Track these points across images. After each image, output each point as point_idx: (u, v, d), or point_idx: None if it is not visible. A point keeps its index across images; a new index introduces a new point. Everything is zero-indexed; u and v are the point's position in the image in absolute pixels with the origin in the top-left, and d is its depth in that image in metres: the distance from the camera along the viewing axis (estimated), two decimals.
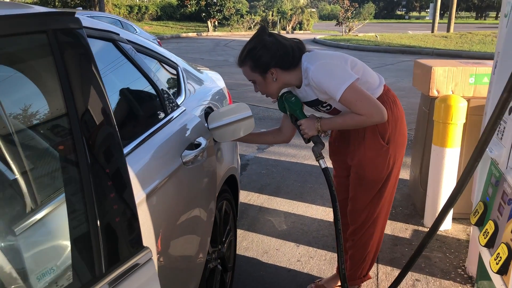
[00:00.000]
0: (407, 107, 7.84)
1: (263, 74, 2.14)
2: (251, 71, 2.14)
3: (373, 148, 2.24)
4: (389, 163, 2.28)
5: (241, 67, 2.18)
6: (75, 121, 0.90)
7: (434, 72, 3.43)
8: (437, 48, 16.86)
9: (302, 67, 2.15)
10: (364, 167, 2.29)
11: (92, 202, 0.90)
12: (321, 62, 2.08)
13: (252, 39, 2.15)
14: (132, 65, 1.86)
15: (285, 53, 2.10)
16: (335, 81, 2.03)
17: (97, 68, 0.99)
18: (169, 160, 1.76)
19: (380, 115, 2.03)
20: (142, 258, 0.99)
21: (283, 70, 2.14)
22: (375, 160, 2.26)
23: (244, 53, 2.13)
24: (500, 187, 1.73)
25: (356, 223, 2.46)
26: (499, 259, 1.49)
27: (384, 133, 2.23)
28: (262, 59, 2.09)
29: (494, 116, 1.47)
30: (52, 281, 0.86)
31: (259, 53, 2.09)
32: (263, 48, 2.09)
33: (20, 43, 0.89)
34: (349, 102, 2.03)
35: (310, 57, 2.14)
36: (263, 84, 2.17)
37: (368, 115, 2.02)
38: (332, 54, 2.18)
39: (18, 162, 0.92)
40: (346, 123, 2.14)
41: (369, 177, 2.30)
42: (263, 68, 2.12)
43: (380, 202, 2.40)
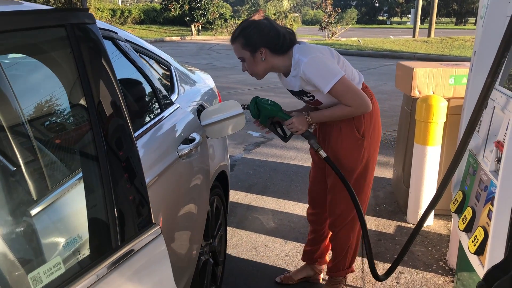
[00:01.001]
0: (389, 110, 8.06)
1: (253, 52, 2.25)
2: (242, 48, 2.25)
3: (349, 140, 2.38)
4: (363, 155, 2.42)
5: (232, 44, 2.29)
6: (92, 109, 0.98)
7: (415, 73, 3.57)
8: (419, 53, 17.18)
9: (293, 58, 2.27)
10: (340, 158, 2.42)
11: (108, 181, 0.99)
12: (314, 56, 2.21)
13: (248, 19, 2.28)
14: (130, 63, 1.94)
15: (277, 36, 2.23)
16: (324, 76, 2.18)
17: (110, 61, 1.08)
18: (166, 153, 1.85)
19: (366, 106, 2.23)
20: (153, 233, 1.08)
21: (272, 53, 2.26)
22: (351, 151, 2.40)
23: (238, 30, 2.25)
24: (477, 176, 1.86)
25: (335, 214, 2.57)
26: (476, 241, 1.61)
27: (360, 127, 2.38)
28: (253, 37, 2.22)
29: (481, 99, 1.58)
30: (75, 250, 0.95)
31: (251, 31, 2.21)
32: (256, 27, 2.22)
33: (41, 36, 0.97)
34: (340, 94, 2.19)
35: (302, 49, 2.26)
36: (252, 62, 2.28)
37: (356, 106, 2.21)
38: (321, 48, 2.32)
39: (39, 147, 1.01)
40: (335, 114, 2.30)
41: (344, 167, 2.41)
42: (254, 46, 2.23)
43: (360, 196, 2.50)
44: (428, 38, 22.03)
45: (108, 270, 0.96)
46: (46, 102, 1.09)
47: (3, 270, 0.79)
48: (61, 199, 1.01)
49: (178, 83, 2.52)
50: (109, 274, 0.95)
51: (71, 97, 1.05)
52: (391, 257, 3.19)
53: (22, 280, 0.82)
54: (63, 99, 1.08)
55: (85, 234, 0.99)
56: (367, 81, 2.52)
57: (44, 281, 0.84)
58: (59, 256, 0.89)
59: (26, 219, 0.96)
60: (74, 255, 0.94)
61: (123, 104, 1.11)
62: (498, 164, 1.65)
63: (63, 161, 1.07)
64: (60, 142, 1.08)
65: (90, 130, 0.99)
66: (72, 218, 1.02)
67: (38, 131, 1.07)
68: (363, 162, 2.44)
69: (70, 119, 1.10)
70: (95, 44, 1.06)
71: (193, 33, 29.89)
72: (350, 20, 34.39)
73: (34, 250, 0.92)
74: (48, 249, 0.93)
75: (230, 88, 7.73)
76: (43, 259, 0.89)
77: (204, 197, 2.25)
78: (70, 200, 1.03)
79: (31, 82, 1.10)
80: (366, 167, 2.47)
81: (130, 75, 1.96)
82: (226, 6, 37.39)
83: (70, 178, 1.04)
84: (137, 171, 1.11)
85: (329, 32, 26.71)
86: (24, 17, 0.91)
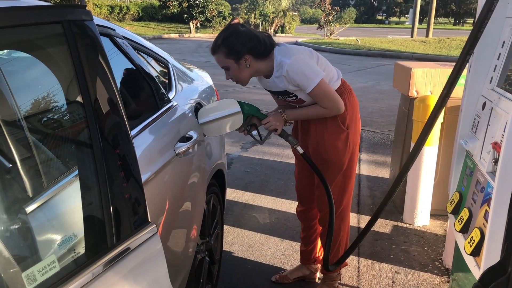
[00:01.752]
0: (387, 109, 8.08)
1: (237, 60, 2.27)
2: (225, 58, 2.27)
3: (334, 133, 2.44)
4: (349, 147, 2.48)
5: (214, 55, 2.31)
6: (89, 106, 0.97)
7: (413, 73, 3.57)
8: (416, 53, 17.20)
9: (275, 60, 2.32)
10: (327, 151, 2.46)
11: (104, 179, 0.98)
12: (296, 57, 2.27)
13: (227, 29, 2.29)
14: (127, 60, 1.93)
15: (258, 42, 2.27)
16: (308, 77, 2.26)
17: (107, 58, 1.07)
18: (163, 151, 1.84)
19: (339, 108, 2.35)
20: (149, 231, 1.08)
21: (255, 58, 2.30)
22: (336, 143, 2.45)
23: (219, 41, 2.26)
24: (474, 177, 1.86)
25: (325, 209, 2.58)
26: (472, 242, 1.61)
27: (344, 119, 2.44)
28: (236, 46, 2.24)
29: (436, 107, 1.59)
30: (70, 248, 0.94)
31: (234, 41, 2.24)
32: (238, 36, 2.24)
33: (37, 32, 0.96)
34: (317, 96, 2.30)
35: (284, 51, 2.32)
36: (237, 70, 2.30)
37: (330, 108, 2.34)
38: (301, 49, 2.37)
39: (35, 144, 1.00)
40: (309, 114, 2.42)
41: (331, 160, 2.47)
42: (237, 55, 2.26)
43: (347, 189, 2.58)
44: (426, 38, 22.05)
45: (104, 268, 0.95)
46: (42, 99, 1.08)
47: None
48: (56, 196, 1.00)
49: (176, 81, 2.51)
50: (104, 273, 0.94)
51: (68, 94, 1.04)
52: (387, 257, 3.20)
53: (16, 278, 0.81)
54: (60, 96, 1.07)
55: (81, 232, 0.98)
56: (365, 81, 2.56)
57: (38, 279, 0.83)
58: (54, 255, 0.89)
59: (21, 217, 0.95)
60: (69, 254, 0.94)
61: (120, 101, 1.10)
62: (495, 165, 1.65)
63: (59, 159, 1.06)
64: (56, 139, 1.07)
65: (87, 127, 0.99)
66: (68, 216, 1.02)
67: (34, 128, 1.06)
68: (349, 154, 2.50)
69: (66, 116, 1.09)
70: (92, 41, 1.05)
71: (191, 30, 29.83)
72: (349, 19, 34.44)
73: (29, 248, 0.91)
74: (43, 247, 0.92)
75: (228, 86, 7.71)
76: (38, 257, 0.89)
77: (201, 195, 2.24)
78: (65, 198, 1.03)
79: (27, 79, 1.09)
80: (351, 159, 2.53)
81: (128, 73, 1.95)
82: (224, 4, 37.34)
83: (66, 176, 1.04)
84: (133, 169, 1.10)
85: (327, 31, 26.73)
86: (20, 13, 0.90)
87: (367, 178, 4.76)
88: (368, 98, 8.93)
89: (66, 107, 1.07)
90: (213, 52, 2.31)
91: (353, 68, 13.97)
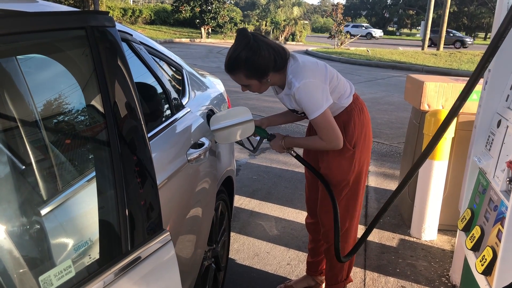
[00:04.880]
0: (396, 121, 8.05)
1: (260, 79, 2.20)
2: (247, 78, 2.18)
3: (339, 151, 2.35)
4: (354, 166, 2.40)
5: (231, 74, 2.20)
6: (109, 111, 0.98)
7: (426, 87, 3.56)
8: (427, 65, 17.18)
9: (287, 77, 2.23)
10: (331, 169, 2.41)
11: (121, 186, 0.98)
12: (306, 82, 2.16)
13: (239, 46, 2.13)
14: (143, 65, 1.95)
15: (277, 55, 2.18)
16: (313, 105, 2.17)
17: (127, 64, 1.08)
18: (175, 157, 1.84)
19: (337, 143, 2.25)
20: (163, 239, 1.08)
21: (275, 72, 2.22)
22: (341, 162, 2.38)
23: (237, 61, 2.13)
24: (487, 195, 1.84)
25: (326, 225, 2.55)
26: (484, 260, 1.60)
27: (351, 138, 2.37)
28: (260, 67, 2.14)
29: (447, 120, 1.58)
30: (86, 253, 0.95)
31: (257, 61, 2.12)
32: (260, 56, 2.11)
33: (61, 37, 0.97)
34: (318, 126, 2.22)
35: (296, 71, 2.20)
36: (258, 87, 2.25)
37: (328, 141, 2.25)
38: (314, 70, 2.24)
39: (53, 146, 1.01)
40: (307, 144, 2.44)
41: (335, 178, 2.41)
42: (261, 75, 2.18)
43: (353, 208, 2.51)
44: (437, 51, 22.04)
45: (116, 276, 0.95)
46: (63, 102, 1.09)
47: (14, 271, 0.79)
48: (72, 199, 1.01)
49: (189, 87, 2.52)
50: (118, 280, 0.94)
51: (88, 98, 1.05)
52: (393, 271, 3.17)
53: (32, 282, 0.81)
54: (80, 100, 1.08)
55: (96, 237, 0.98)
56: (375, 91, 2.56)
57: (54, 283, 0.83)
58: (69, 259, 0.89)
59: (36, 219, 0.96)
60: (84, 259, 0.94)
61: (139, 106, 1.11)
62: (509, 184, 1.63)
63: (76, 161, 1.07)
64: (76, 142, 1.07)
65: (106, 130, 0.99)
66: (84, 220, 1.02)
67: (56, 130, 1.07)
68: (354, 173, 2.42)
69: (86, 120, 1.09)
70: (113, 47, 1.06)
71: (202, 35, 30.00)
72: None
73: (45, 252, 0.92)
74: (59, 251, 0.93)
75: (238, 92, 7.72)
76: (54, 262, 0.89)
77: (211, 202, 2.24)
78: (82, 201, 1.03)
79: (47, 81, 1.10)
80: (357, 180, 2.45)
81: (144, 78, 1.96)
82: (236, 10, 37.56)
83: (82, 178, 1.04)
84: (149, 175, 1.11)
85: (338, 40, 26.78)
86: (45, 18, 0.91)
87: (375, 190, 4.74)
88: (377, 109, 8.91)
89: (86, 111, 1.07)
90: (230, 72, 2.19)
91: (363, 78, 13.96)
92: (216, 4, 30.05)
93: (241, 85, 2.26)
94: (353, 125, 2.35)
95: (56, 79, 1.09)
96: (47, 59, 1.04)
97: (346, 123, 2.36)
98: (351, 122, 2.36)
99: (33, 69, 1.09)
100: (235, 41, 2.17)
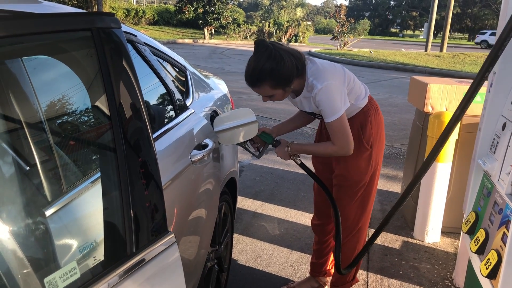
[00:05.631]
0: (399, 123, 8.04)
1: (285, 87, 2.20)
2: (272, 89, 2.18)
3: (357, 151, 2.35)
4: (371, 166, 2.44)
5: (256, 87, 2.19)
6: (114, 112, 0.98)
7: (429, 89, 3.55)
8: (430, 67, 17.16)
9: (306, 79, 2.22)
10: (349, 169, 2.42)
11: (126, 188, 0.98)
12: (328, 83, 2.16)
13: (262, 58, 2.12)
14: (148, 66, 1.95)
15: (297, 60, 2.17)
16: (332, 108, 2.17)
17: (133, 65, 1.08)
18: (179, 159, 1.85)
19: (349, 149, 2.24)
20: (168, 241, 1.08)
21: (297, 78, 2.22)
22: (359, 162, 2.40)
23: (262, 73, 2.12)
24: (491, 198, 1.84)
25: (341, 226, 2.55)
26: (489, 264, 1.59)
27: (369, 138, 2.39)
28: (285, 76, 2.14)
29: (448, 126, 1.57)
30: (91, 255, 0.95)
31: (281, 72, 2.12)
32: (282, 65, 2.11)
33: (67, 38, 0.98)
34: (334, 130, 2.21)
35: (316, 73, 2.20)
36: (282, 95, 2.24)
37: (340, 146, 2.23)
38: (334, 71, 2.26)
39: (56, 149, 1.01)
40: (317, 151, 2.42)
41: (353, 178, 2.43)
42: (287, 83, 2.18)
43: (367, 207, 2.53)
44: (440, 53, 22.02)
45: (121, 278, 0.95)
46: (67, 103, 1.09)
47: (18, 272, 0.79)
48: (77, 201, 1.01)
49: (193, 88, 2.52)
50: (123, 282, 0.94)
51: (93, 99, 1.05)
52: (396, 273, 3.17)
53: (37, 284, 0.81)
54: (85, 101, 1.08)
55: (101, 238, 0.99)
56: (378, 93, 2.57)
57: (59, 285, 0.83)
58: (74, 261, 0.89)
59: (41, 220, 0.96)
60: (89, 260, 0.94)
61: (144, 107, 1.11)
62: None
63: (81, 163, 1.07)
64: (81, 143, 1.08)
65: (111, 131, 0.99)
66: (89, 222, 1.02)
67: (61, 131, 1.08)
68: (371, 172, 2.46)
69: (92, 121, 1.10)
70: (119, 48, 1.06)
71: (205, 36, 30.06)
72: (363, 31, 34.51)
73: (50, 253, 0.92)
74: (64, 252, 0.93)
75: (241, 93, 7.75)
76: (59, 264, 0.89)
77: (214, 203, 2.25)
78: (86, 202, 1.03)
79: (54, 83, 1.11)
80: (372, 178, 2.49)
81: (148, 79, 1.97)
82: (239, 11, 37.62)
83: (87, 179, 1.04)
84: (154, 177, 1.11)
85: (341, 42, 26.79)
86: (52, 20, 0.91)
87: (378, 192, 4.71)
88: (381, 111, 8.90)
89: (91, 112, 1.08)
90: (255, 85, 2.18)
91: (366, 80, 13.95)
92: (219, 5, 30.11)
93: (264, 96, 2.25)
94: (370, 125, 2.38)
95: (61, 80, 1.09)
96: (52, 60, 1.05)
97: (363, 124, 2.38)
98: (368, 123, 2.38)
99: (38, 70, 1.09)
100: (255, 53, 2.15)
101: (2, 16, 0.80)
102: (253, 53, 2.17)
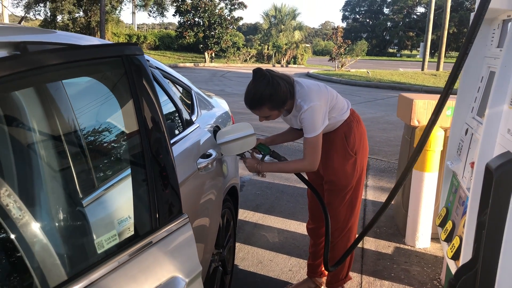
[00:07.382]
0: (394, 139, 8.30)
1: (280, 108, 2.53)
2: (270, 110, 2.51)
3: (343, 158, 2.69)
4: (357, 171, 2.73)
5: (255, 109, 2.51)
6: (142, 125, 1.28)
7: (415, 104, 3.84)
8: (426, 86, 17.50)
9: (295, 100, 2.54)
10: (336, 174, 2.72)
11: (152, 177, 1.28)
12: (313, 105, 2.47)
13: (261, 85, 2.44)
14: (159, 87, 2.25)
15: (289, 84, 2.51)
16: (312, 126, 2.48)
17: (153, 83, 1.37)
18: (187, 165, 2.13)
19: (314, 166, 2.53)
20: (183, 220, 1.36)
21: (290, 99, 2.54)
22: (345, 168, 2.70)
23: (262, 98, 2.44)
24: (458, 194, 2.11)
25: (332, 227, 2.82)
26: (453, 248, 1.85)
27: (353, 146, 2.70)
28: (281, 99, 2.47)
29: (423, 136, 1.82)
30: (126, 227, 1.24)
31: (278, 96, 2.45)
32: (278, 90, 2.44)
33: (103, 64, 1.27)
34: (309, 145, 2.50)
35: (303, 95, 2.50)
36: (277, 115, 2.57)
37: (309, 161, 2.52)
38: (318, 92, 2.55)
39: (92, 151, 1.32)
40: (287, 168, 2.66)
41: (340, 183, 2.72)
42: (282, 105, 2.51)
43: (355, 209, 2.81)
44: (437, 72, 22.40)
45: (146, 246, 1.23)
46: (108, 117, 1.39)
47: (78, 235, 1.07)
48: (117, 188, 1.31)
49: (198, 106, 2.83)
50: (148, 248, 1.22)
51: (125, 115, 1.34)
52: (388, 275, 3.39)
53: (91, 243, 1.10)
54: (119, 115, 1.37)
55: (133, 216, 1.27)
56: (374, 111, 2.87)
57: (105, 246, 1.11)
58: (115, 230, 1.18)
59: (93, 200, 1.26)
60: (124, 231, 1.23)
61: (163, 120, 1.40)
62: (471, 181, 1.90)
63: (117, 162, 1.37)
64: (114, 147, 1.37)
65: (139, 141, 1.29)
66: (124, 204, 1.31)
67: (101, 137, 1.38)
68: (356, 177, 2.74)
69: (121, 131, 1.40)
70: (143, 71, 1.35)
71: (206, 60, 30.57)
72: (360, 51, 35.00)
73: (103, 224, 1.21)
74: (109, 223, 1.22)
75: (241, 113, 8.02)
76: (104, 231, 1.18)
77: (218, 206, 2.51)
78: (124, 189, 1.33)
79: (90, 99, 1.41)
80: (358, 182, 2.77)
81: (160, 97, 2.27)
82: (239, 35, 38.13)
83: (123, 172, 1.35)
84: (172, 171, 1.39)
85: (338, 63, 27.21)
86: (94, 50, 1.21)
87: (372, 203, 4.98)
88: (376, 128, 9.19)
89: (123, 123, 1.37)
90: (255, 108, 2.49)
91: (363, 99, 14.28)
92: (219, 29, 30.72)
93: (261, 116, 2.58)
94: (353, 135, 2.68)
95: (98, 97, 1.39)
96: (93, 80, 1.34)
97: (347, 133, 2.69)
98: (351, 132, 2.69)
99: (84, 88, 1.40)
100: (254, 80, 2.49)
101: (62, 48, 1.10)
102: (251, 80, 2.50)
